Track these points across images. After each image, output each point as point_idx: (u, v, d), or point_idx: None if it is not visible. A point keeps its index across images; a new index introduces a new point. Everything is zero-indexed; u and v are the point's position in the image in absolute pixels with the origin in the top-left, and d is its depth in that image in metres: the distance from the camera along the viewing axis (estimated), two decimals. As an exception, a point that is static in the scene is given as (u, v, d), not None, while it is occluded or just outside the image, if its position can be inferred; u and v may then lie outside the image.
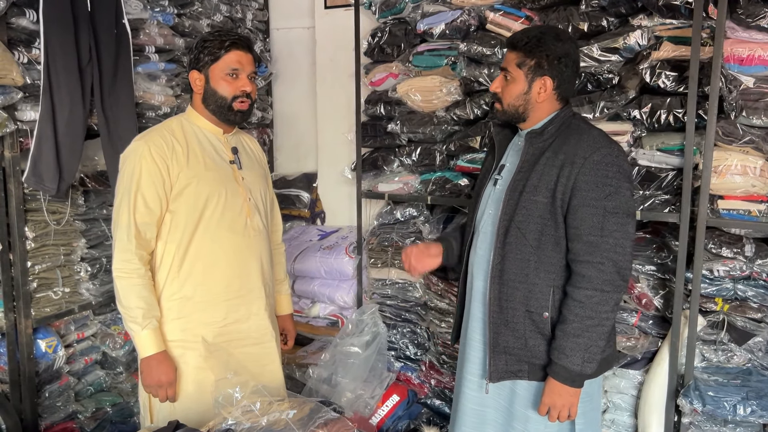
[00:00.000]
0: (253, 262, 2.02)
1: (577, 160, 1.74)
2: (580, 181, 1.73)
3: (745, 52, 2.18)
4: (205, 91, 1.94)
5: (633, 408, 2.58)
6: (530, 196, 1.78)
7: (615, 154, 1.76)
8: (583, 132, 1.80)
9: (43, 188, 2.35)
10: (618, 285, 1.73)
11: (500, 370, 1.86)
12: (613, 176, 1.72)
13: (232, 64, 1.91)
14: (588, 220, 1.72)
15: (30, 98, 2.31)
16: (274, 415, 1.63)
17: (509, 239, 1.81)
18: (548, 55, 1.79)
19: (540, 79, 1.81)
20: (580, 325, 1.73)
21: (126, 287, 1.85)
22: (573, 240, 1.76)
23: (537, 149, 1.83)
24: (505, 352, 1.85)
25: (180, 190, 1.88)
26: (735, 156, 2.26)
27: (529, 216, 1.79)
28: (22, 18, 2.25)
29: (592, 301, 1.72)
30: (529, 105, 1.84)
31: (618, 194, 1.72)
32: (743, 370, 2.38)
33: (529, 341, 1.83)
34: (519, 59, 1.82)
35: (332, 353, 2.97)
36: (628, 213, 1.74)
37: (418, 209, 3.14)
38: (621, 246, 1.72)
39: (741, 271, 2.31)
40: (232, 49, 1.91)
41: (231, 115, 1.96)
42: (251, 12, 3.60)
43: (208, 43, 1.91)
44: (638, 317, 2.53)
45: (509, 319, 1.83)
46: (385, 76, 3.13)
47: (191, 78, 1.95)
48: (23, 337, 2.39)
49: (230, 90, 1.92)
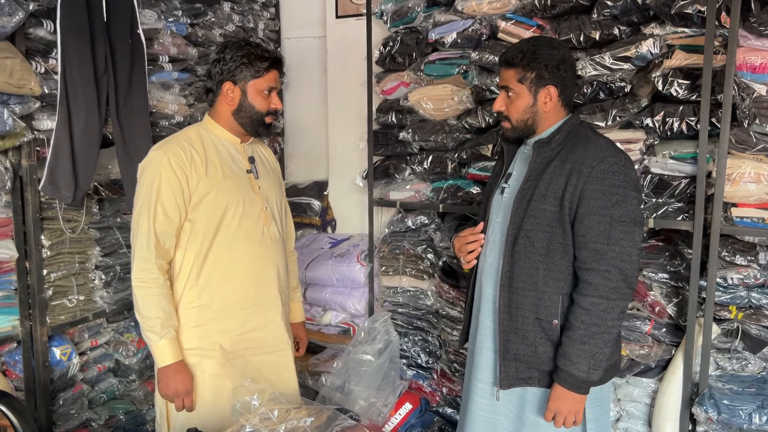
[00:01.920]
0: (270, 271, 2.03)
1: (584, 169, 1.75)
2: (587, 190, 1.74)
3: (758, 60, 2.18)
4: (240, 104, 1.95)
5: (647, 416, 2.57)
6: (538, 204, 1.80)
7: (622, 162, 1.77)
8: (590, 141, 1.81)
9: (60, 197, 2.37)
10: (624, 293, 1.74)
11: (511, 377, 1.86)
12: (620, 185, 1.73)
13: (270, 82, 1.95)
14: (594, 228, 1.73)
15: (47, 107, 2.34)
16: (292, 422, 1.63)
17: (518, 248, 1.83)
18: (547, 65, 1.81)
19: (544, 90, 1.83)
20: (586, 332, 1.73)
21: (145, 297, 1.85)
22: (579, 248, 1.77)
23: (545, 158, 1.84)
24: (516, 359, 1.86)
25: (199, 199, 1.89)
26: (748, 164, 2.26)
27: (538, 224, 1.80)
28: (40, 29, 2.28)
29: (598, 309, 1.72)
30: (538, 116, 1.86)
31: (625, 203, 1.73)
32: (758, 379, 2.36)
33: (538, 348, 1.83)
34: (519, 75, 1.84)
35: (345, 361, 2.97)
36: (635, 221, 1.75)
37: (429, 217, 3.15)
38: (627, 254, 1.73)
39: (755, 279, 2.31)
40: (273, 68, 1.95)
41: (262, 129, 2.00)
42: (263, 21, 3.63)
43: (249, 58, 1.92)
44: (651, 325, 2.52)
45: (519, 327, 1.84)
46: (397, 84, 3.14)
47: (224, 89, 1.94)
48: (39, 345, 2.40)
49: (265, 106, 1.96)
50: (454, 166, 2.98)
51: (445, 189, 2.99)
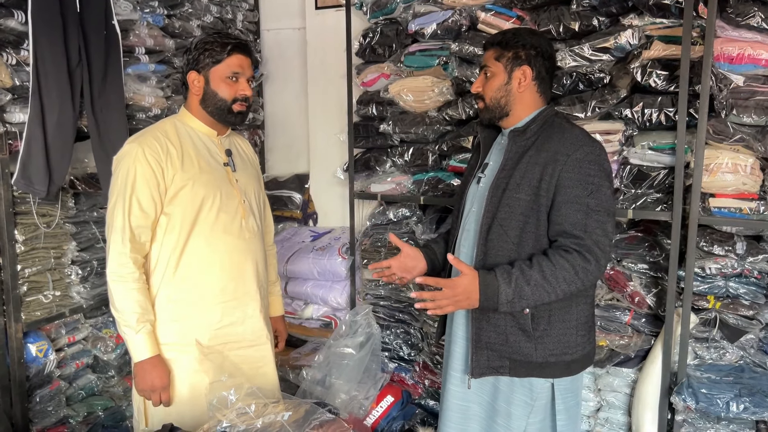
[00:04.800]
0: (249, 265, 2.01)
1: (560, 158, 1.76)
2: (564, 178, 1.75)
3: (735, 50, 2.19)
4: (204, 93, 1.93)
5: (627, 406, 2.59)
6: (513, 193, 1.80)
7: (597, 152, 1.79)
8: (566, 130, 1.83)
9: (33, 191, 2.32)
10: (591, 276, 1.73)
11: (482, 366, 1.86)
12: (595, 174, 1.75)
13: (233, 68, 1.91)
14: (572, 216, 1.74)
15: (19, 100, 2.29)
16: (269, 417, 1.62)
17: (491, 236, 1.83)
18: (524, 45, 1.85)
19: (519, 69, 1.86)
20: (537, 278, 1.70)
21: (120, 291, 1.83)
22: (558, 235, 1.77)
23: (520, 147, 1.85)
24: (487, 348, 1.86)
25: (175, 192, 1.87)
26: (726, 154, 2.27)
27: (512, 213, 1.80)
28: (11, 19, 2.23)
29: (561, 272, 1.70)
30: (511, 96, 1.87)
31: (599, 192, 1.75)
32: (736, 368, 2.39)
33: (510, 337, 1.83)
34: (497, 53, 1.88)
35: (326, 354, 2.96)
36: (608, 212, 1.76)
37: (410, 209, 3.14)
38: (602, 243, 1.74)
39: (733, 269, 2.33)
40: (234, 53, 1.91)
41: (230, 117, 1.96)
42: (242, 13, 3.58)
43: (210, 45, 1.90)
44: (631, 315, 2.54)
45: (490, 315, 1.83)
46: (377, 76, 3.12)
47: (189, 79, 1.93)
48: (13, 342, 2.36)
49: (230, 93, 1.92)
50: (435, 158, 2.98)
51: (426, 181, 2.98)
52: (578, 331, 1.86)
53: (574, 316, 1.84)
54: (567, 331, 1.84)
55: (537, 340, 1.82)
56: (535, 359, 1.83)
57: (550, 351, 1.83)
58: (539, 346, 1.82)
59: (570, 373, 1.86)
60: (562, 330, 1.83)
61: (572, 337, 1.84)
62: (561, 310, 1.82)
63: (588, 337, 1.89)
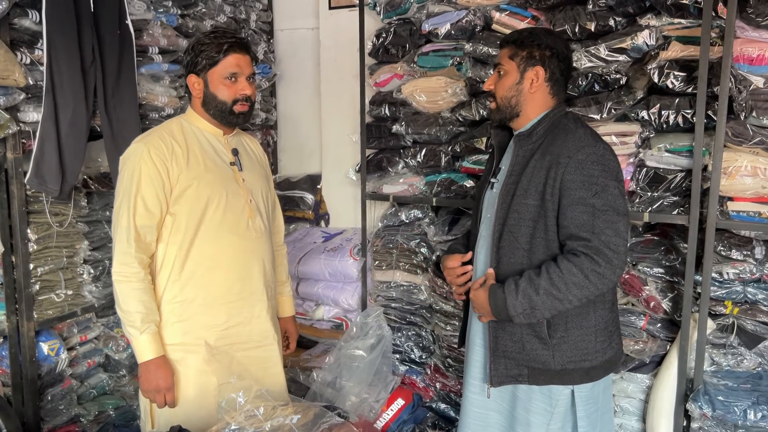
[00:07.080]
0: (255, 264, 1.99)
1: (562, 160, 1.73)
2: (567, 181, 1.72)
3: (755, 51, 2.14)
4: (204, 95, 1.91)
5: (641, 412, 2.55)
6: (521, 199, 1.78)
7: (600, 152, 1.74)
8: (570, 132, 1.79)
9: (46, 190, 2.33)
10: (605, 280, 1.69)
11: (501, 375, 1.85)
12: (599, 174, 1.71)
13: (231, 68, 1.88)
14: (578, 218, 1.70)
15: (33, 99, 2.30)
16: (278, 420, 1.61)
17: (503, 243, 1.81)
18: (539, 45, 1.82)
19: (532, 69, 1.83)
20: (546, 287, 1.68)
21: (125, 291, 1.82)
22: (567, 238, 1.73)
23: (526, 151, 1.82)
24: (505, 356, 1.84)
25: (180, 192, 1.86)
26: (745, 157, 2.23)
27: (521, 219, 1.78)
28: (25, 19, 2.24)
29: (570, 277, 1.68)
30: (522, 96, 1.85)
31: (606, 192, 1.70)
32: (753, 375, 2.34)
33: (526, 345, 1.81)
34: (511, 52, 1.86)
35: (336, 356, 2.95)
36: (618, 211, 1.71)
37: (423, 211, 3.12)
38: (614, 244, 1.69)
39: (751, 274, 2.28)
40: (230, 53, 1.88)
41: (232, 118, 1.94)
42: (255, 13, 3.59)
43: (205, 47, 1.88)
44: (646, 320, 2.50)
45: (506, 324, 1.82)
46: (390, 76, 3.10)
47: (189, 82, 1.92)
48: (25, 340, 2.37)
49: (230, 94, 1.90)
50: (448, 159, 2.95)
51: (439, 182, 2.96)
52: (597, 337, 1.82)
53: (593, 321, 1.81)
54: (585, 338, 1.80)
55: (554, 347, 1.79)
56: (554, 367, 1.80)
57: (569, 358, 1.79)
58: (557, 354, 1.79)
59: (590, 380, 1.83)
60: (580, 336, 1.80)
61: (591, 344, 1.81)
62: (578, 316, 1.79)
63: (609, 343, 1.84)
